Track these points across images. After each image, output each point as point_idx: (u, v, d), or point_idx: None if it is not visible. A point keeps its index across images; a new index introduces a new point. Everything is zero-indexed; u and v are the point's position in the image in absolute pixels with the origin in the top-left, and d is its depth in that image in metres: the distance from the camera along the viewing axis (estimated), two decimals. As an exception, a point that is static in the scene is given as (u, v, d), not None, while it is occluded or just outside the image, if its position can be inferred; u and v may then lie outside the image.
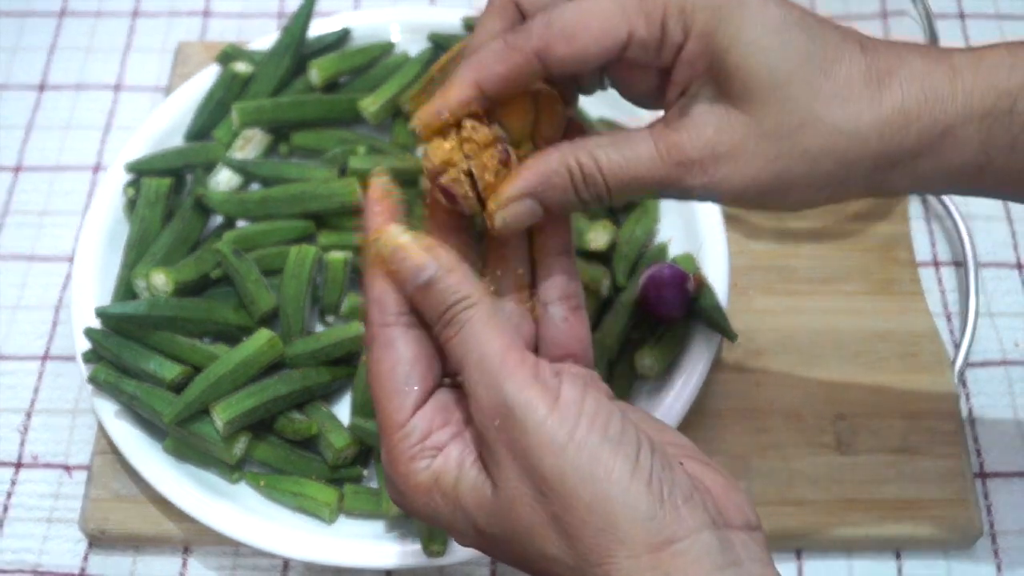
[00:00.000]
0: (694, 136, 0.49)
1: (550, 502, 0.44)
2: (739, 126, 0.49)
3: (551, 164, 0.50)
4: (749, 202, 0.51)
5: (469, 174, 0.50)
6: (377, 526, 0.70)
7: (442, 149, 0.50)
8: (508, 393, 0.44)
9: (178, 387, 0.71)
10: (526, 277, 0.54)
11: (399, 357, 0.48)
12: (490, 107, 0.50)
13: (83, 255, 0.77)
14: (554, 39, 0.48)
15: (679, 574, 0.42)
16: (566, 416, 0.44)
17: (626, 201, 0.50)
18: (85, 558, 0.72)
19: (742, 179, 0.49)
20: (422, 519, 0.49)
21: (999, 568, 0.71)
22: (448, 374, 0.50)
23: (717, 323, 0.73)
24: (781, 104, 0.48)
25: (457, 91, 0.49)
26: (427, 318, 0.48)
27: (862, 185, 0.50)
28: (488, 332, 0.46)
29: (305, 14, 0.84)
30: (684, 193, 0.50)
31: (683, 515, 0.43)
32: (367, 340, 0.49)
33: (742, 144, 0.49)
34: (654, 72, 0.52)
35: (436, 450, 0.47)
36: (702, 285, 0.73)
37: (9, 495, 0.75)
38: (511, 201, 0.50)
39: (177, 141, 0.83)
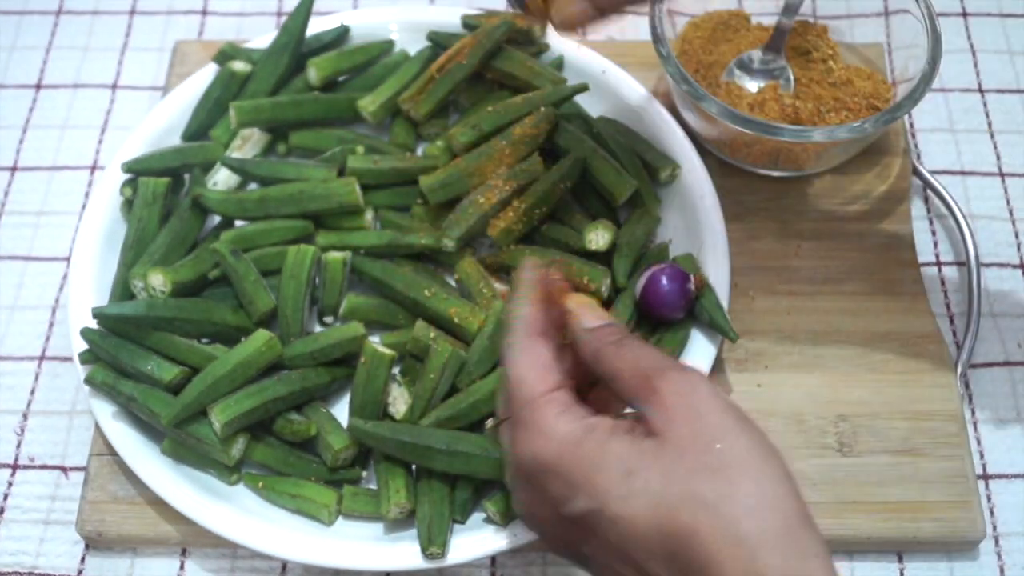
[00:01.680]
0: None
1: (720, 455, 0.49)
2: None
3: None
4: None
5: None
6: (376, 528, 0.69)
7: None
8: (697, 376, 0.53)
9: (176, 388, 0.70)
10: None
11: (544, 350, 0.56)
12: None
13: (80, 255, 0.76)
14: None
15: (816, 546, 0.47)
16: (738, 408, 0.52)
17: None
18: (82, 560, 0.72)
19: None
20: (555, 463, 0.52)
21: (1002, 570, 0.71)
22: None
23: (718, 323, 0.73)
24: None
25: None
26: (599, 342, 0.56)
27: None
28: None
29: (304, 13, 0.84)
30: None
31: (814, 536, 0.48)
32: (506, 351, 0.56)
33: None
34: None
35: (581, 416, 0.53)
36: (703, 285, 0.73)
37: (6, 497, 0.74)
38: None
39: (175, 140, 0.83)
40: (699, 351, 0.73)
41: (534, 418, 0.53)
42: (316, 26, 0.86)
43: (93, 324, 0.72)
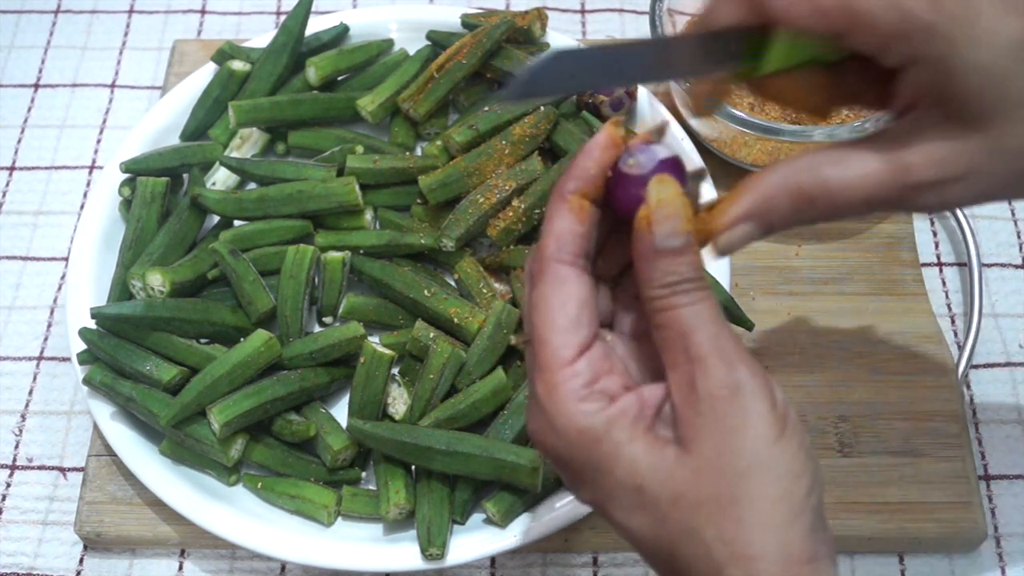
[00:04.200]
0: (928, 157, 0.48)
1: (739, 485, 0.45)
2: (976, 147, 0.47)
3: (772, 185, 0.49)
4: (976, 204, 0.51)
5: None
6: (375, 529, 0.69)
7: None
8: (742, 376, 0.46)
9: (175, 389, 0.70)
10: None
11: (572, 295, 0.48)
12: None
13: (78, 255, 0.76)
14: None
15: None
16: (780, 416, 0.46)
17: (842, 219, 0.51)
18: (80, 561, 0.72)
19: (976, 194, 0.48)
20: (567, 458, 0.48)
21: (1003, 571, 0.71)
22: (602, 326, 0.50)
23: (733, 313, 0.73)
24: (1019, 119, 0.47)
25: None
26: (652, 280, 0.47)
27: None
28: (720, 314, 0.48)
29: (303, 12, 0.84)
30: (908, 211, 0.51)
31: (825, 539, 0.47)
32: (533, 272, 0.49)
33: (979, 164, 0.48)
34: (873, 77, 0.51)
35: (607, 396, 0.47)
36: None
37: (4, 497, 0.74)
38: (734, 223, 0.50)
39: (173, 140, 0.82)
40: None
41: (552, 399, 0.47)
42: (315, 25, 0.85)
43: (91, 324, 0.72)
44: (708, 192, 0.72)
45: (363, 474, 0.72)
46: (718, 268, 0.75)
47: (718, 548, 0.45)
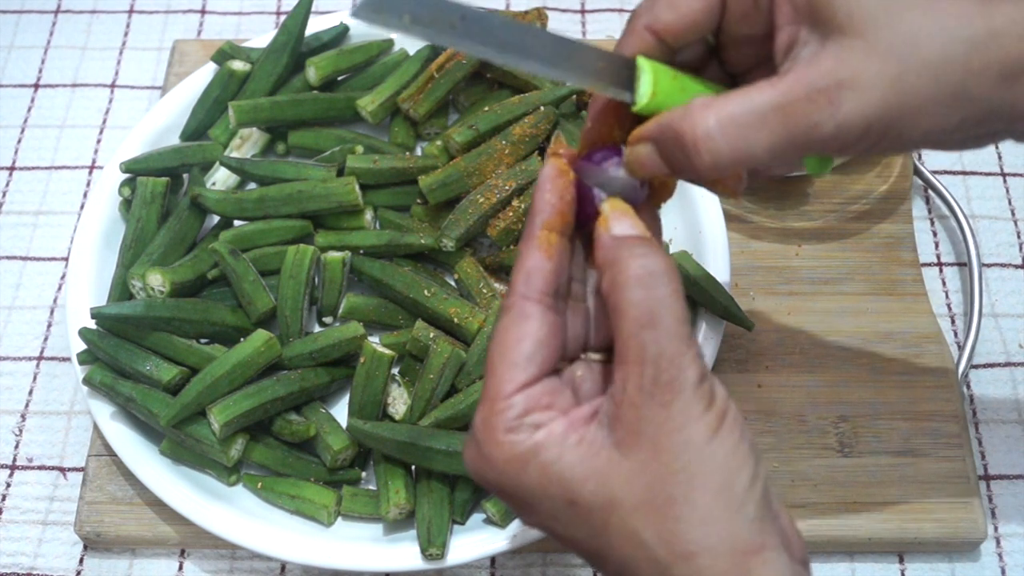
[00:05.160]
0: (813, 71, 0.48)
1: (676, 483, 0.46)
2: (857, 51, 0.48)
3: (672, 113, 0.49)
4: (875, 141, 0.49)
5: None
6: (375, 529, 0.69)
7: None
8: (689, 376, 0.47)
9: (175, 389, 0.70)
10: None
11: (529, 333, 0.49)
12: None
13: (78, 255, 0.76)
14: (659, 9, 0.51)
15: None
16: (718, 412, 0.47)
17: (739, 167, 0.50)
18: (80, 561, 0.72)
19: (870, 105, 0.48)
20: (497, 487, 0.49)
21: (1003, 571, 0.71)
22: (568, 359, 0.53)
23: (732, 314, 0.73)
24: (892, 22, 0.48)
25: (592, 109, 0.52)
26: (609, 271, 0.49)
27: (992, 100, 0.48)
28: (677, 310, 0.48)
29: (303, 12, 0.84)
30: (806, 139, 0.49)
31: (773, 530, 0.47)
32: (504, 306, 0.51)
33: (863, 67, 0.48)
34: (759, 39, 0.53)
35: (534, 428, 0.48)
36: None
37: (4, 497, 0.74)
38: (635, 141, 0.51)
39: (173, 140, 0.82)
40: (703, 343, 0.72)
41: (483, 430, 0.49)
42: (315, 25, 0.85)
43: (91, 324, 0.72)
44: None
45: (363, 474, 0.72)
46: (718, 268, 0.75)
47: (659, 549, 0.46)
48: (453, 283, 0.78)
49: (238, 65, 0.83)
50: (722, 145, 0.48)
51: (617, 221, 0.50)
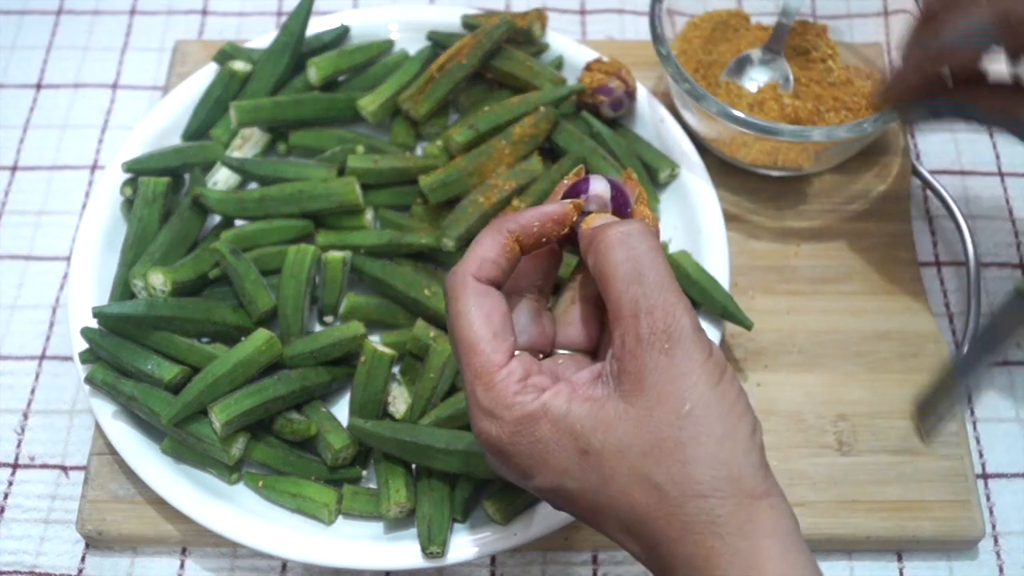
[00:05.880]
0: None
1: (683, 427, 0.48)
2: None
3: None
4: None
5: None
6: (376, 527, 0.69)
7: None
8: (685, 324, 0.49)
9: (176, 388, 0.70)
10: None
11: (496, 307, 0.53)
12: None
13: (80, 255, 0.76)
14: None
15: (769, 524, 0.47)
16: (717, 364, 0.50)
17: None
18: (83, 559, 0.72)
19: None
20: (512, 449, 0.51)
21: (1001, 570, 0.71)
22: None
23: (731, 313, 0.73)
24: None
25: None
26: (591, 243, 0.53)
27: None
28: (666, 266, 0.51)
29: (304, 12, 0.84)
30: None
31: (775, 480, 0.49)
32: (453, 287, 0.53)
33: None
34: None
35: (539, 388, 0.51)
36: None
37: (6, 496, 0.74)
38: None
39: (175, 140, 0.83)
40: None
41: (490, 398, 0.51)
42: (316, 26, 0.86)
43: (93, 323, 0.72)
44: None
45: (364, 473, 0.72)
46: (718, 268, 0.75)
47: (672, 490, 0.48)
48: (453, 282, 0.78)
49: (239, 65, 0.83)
50: None
51: (595, 220, 0.55)
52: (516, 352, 0.53)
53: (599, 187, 0.56)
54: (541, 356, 0.57)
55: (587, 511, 0.51)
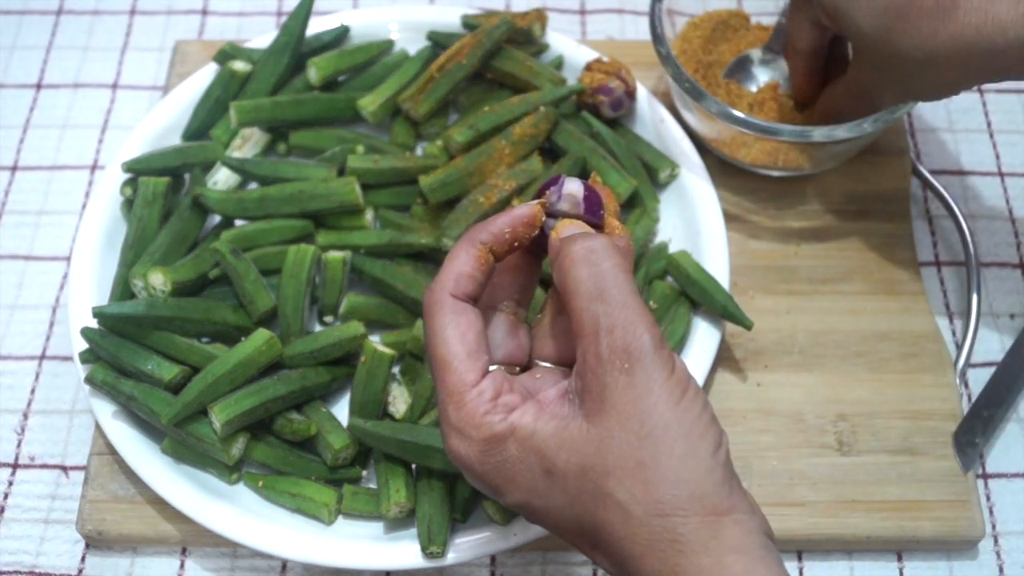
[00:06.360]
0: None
1: (643, 447, 0.48)
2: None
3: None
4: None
5: None
6: (376, 527, 0.69)
7: None
8: (645, 342, 0.50)
9: (176, 387, 0.70)
10: None
11: (471, 325, 0.54)
12: None
13: (80, 255, 0.76)
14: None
15: (734, 540, 0.47)
16: (680, 381, 0.50)
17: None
18: (83, 559, 0.72)
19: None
20: (480, 468, 0.52)
21: (1001, 570, 0.71)
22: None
23: (731, 313, 0.73)
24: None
25: None
26: (558, 257, 0.53)
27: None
28: (630, 284, 0.51)
29: (304, 12, 0.84)
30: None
31: (741, 495, 0.50)
32: (431, 303, 0.54)
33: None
34: None
35: (508, 408, 0.52)
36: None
37: (6, 496, 0.74)
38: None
39: (175, 140, 0.83)
40: (701, 349, 0.73)
41: (460, 417, 0.52)
42: (316, 26, 0.86)
43: (93, 323, 0.72)
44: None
45: (364, 473, 0.72)
46: (718, 268, 0.75)
47: (633, 509, 0.48)
48: (453, 282, 0.78)
49: (239, 65, 0.83)
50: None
51: (564, 228, 0.55)
52: (491, 368, 0.54)
53: (572, 187, 0.57)
54: (518, 370, 0.57)
55: (556, 528, 0.52)
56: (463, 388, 0.52)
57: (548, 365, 0.57)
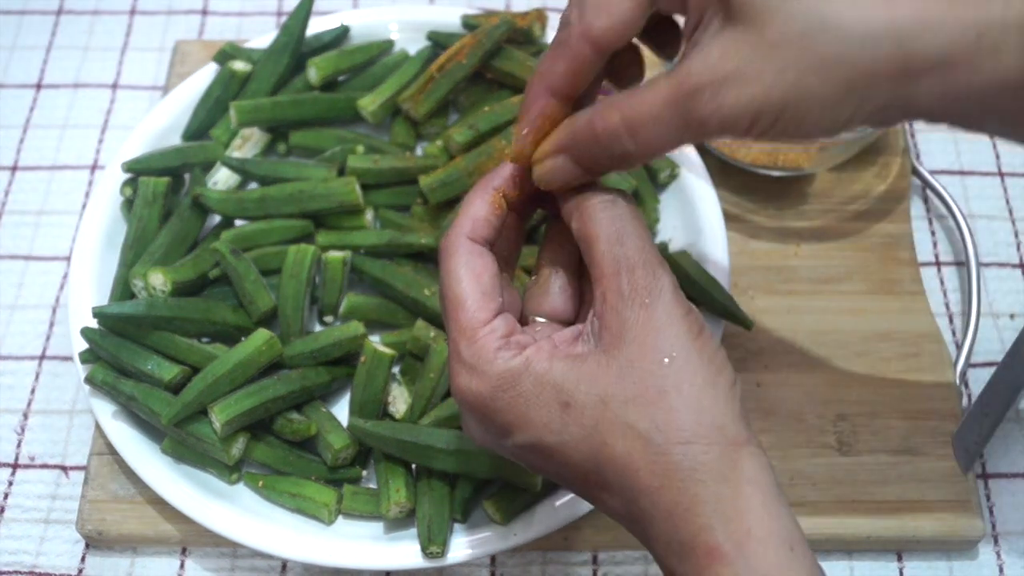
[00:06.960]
0: (699, 62, 0.48)
1: (665, 376, 0.49)
2: (744, 43, 0.47)
3: (578, 120, 0.52)
4: (767, 130, 0.48)
5: None
6: (376, 527, 0.69)
7: None
8: (665, 283, 0.50)
9: (176, 387, 0.70)
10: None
11: (487, 267, 0.53)
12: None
13: (80, 255, 0.77)
14: (589, 17, 0.51)
15: (751, 472, 0.48)
16: (697, 320, 0.51)
17: (655, 157, 0.53)
18: (83, 559, 0.72)
19: (752, 100, 0.47)
20: (491, 404, 0.51)
21: (1001, 570, 0.71)
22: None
23: (732, 313, 0.73)
24: (785, 13, 0.46)
25: (534, 105, 0.53)
26: (576, 206, 0.53)
27: (885, 99, 0.47)
28: (645, 229, 0.52)
29: (304, 12, 0.84)
30: (702, 131, 0.49)
31: (753, 432, 0.50)
32: (447, 247, 0.54)
33: (748, 61, 0.47)
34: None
35: (521, 346, 0.51)
36: None
37: (6, 496, 0.74)
38: (546, 156, 0.53)
39: (175, 140, 0.83)
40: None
41: (472, 352, 0.52)
42: (316, 26, 0.86)
43: (93, 323, 0.72)
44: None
45: (364, 473, 0.72)
46: (718, 268, 0.75)
47: (654, 436, 0.48)
48: (453, 282, 0.78)
49: (239, 65, 0.83)
50: (628, 144, 0.50)
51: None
52: (503, 311, 0.53)
53: None
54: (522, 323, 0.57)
55: (565, 467, 0.51)
56: (476, 324, 0.52)
57: (545, 321, 0.56)
